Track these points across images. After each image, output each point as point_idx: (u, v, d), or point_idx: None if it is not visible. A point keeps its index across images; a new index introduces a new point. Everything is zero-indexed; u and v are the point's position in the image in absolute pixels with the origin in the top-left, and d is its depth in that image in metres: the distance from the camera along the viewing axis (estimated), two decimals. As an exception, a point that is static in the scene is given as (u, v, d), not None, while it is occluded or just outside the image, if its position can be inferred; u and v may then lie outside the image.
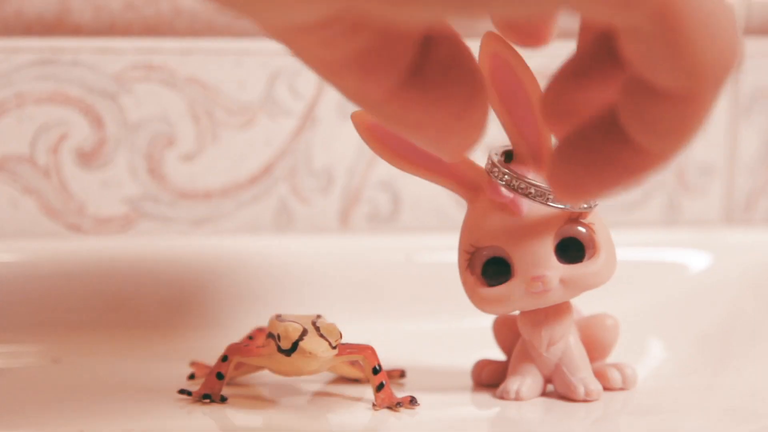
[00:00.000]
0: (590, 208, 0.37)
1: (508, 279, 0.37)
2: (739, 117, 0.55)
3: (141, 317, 0.46)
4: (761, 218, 0.56)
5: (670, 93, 0.25)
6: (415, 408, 0.37)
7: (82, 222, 0.49)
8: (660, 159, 0.26)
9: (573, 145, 0.27)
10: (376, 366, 0.38)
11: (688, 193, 0.55)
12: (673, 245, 0.51)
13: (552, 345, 0.38)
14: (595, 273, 0.37)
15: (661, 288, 0.49)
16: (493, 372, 0.40)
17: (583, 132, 0.27)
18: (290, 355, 0.36)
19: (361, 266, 0.49)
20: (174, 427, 0.36)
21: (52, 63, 0.48)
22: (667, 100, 0.25)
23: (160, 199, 0.49)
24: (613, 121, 0.26)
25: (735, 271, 0.50)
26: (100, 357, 0.44)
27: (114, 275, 0.47)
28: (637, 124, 0.25)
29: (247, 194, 0.50)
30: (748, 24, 0.54)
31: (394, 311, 0.48)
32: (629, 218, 0.54)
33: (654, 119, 0.25)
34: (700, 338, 0.46)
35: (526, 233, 0.37)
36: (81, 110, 0.48)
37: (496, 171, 0.37)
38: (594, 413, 0.38)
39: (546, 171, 0.31)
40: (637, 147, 0.26)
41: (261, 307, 0.45)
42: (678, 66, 0.24)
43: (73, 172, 0.48)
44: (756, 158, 0.55)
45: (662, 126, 0.25)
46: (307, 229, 0.51)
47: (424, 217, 0.52)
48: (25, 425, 0.36)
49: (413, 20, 0.23)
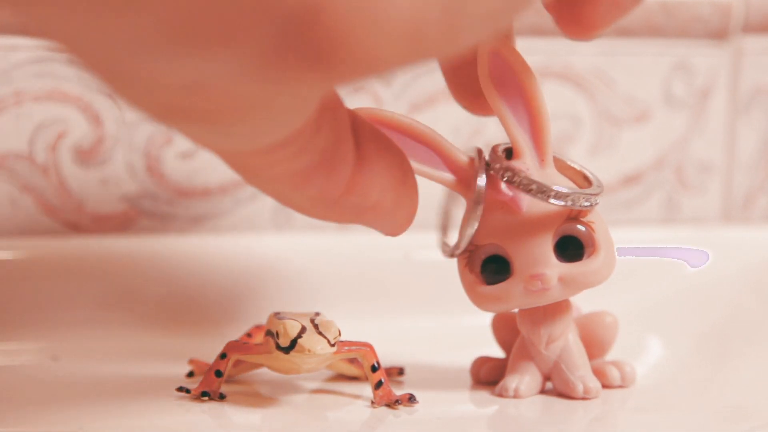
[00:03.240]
0: (591, 206, 0.37)
1: (507, 277, 0.37)
2: (738, 115, 0.55)
3: (139, 315, 0.46)
4: (760, 216, 0.56)
5: None
6: (414, 405, 0.37)
7: (81, 220, 0.49)
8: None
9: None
10: (375, 363, 0.38)
11: (686, 191, 0.55)
12: (671, 243, 0.51)
13: (551, 343, 0.38)
14: (595, 271, 0.37)
15: (659, 286, 0.50)
16: (492, 369, 0.40)
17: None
18: (289, 352, 0.36)
19: (360, 264, 0.49)
20: (172, 424, 0.36)
21: (50, 60, 0.48)
22: None
23: (159, 196, 0.49)
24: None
25: (734, 269, 0.50)
26: (98, 354, 0.44)
27: (112, 273, 0.47)
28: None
29: (245, 192, 0.50)
30: (746, 22, 0.54)
31: (392, 309, 0.48)
32: (628, 216, 0.54)
33: None
34: (699, 336, 0.46)
35: (526, 231, 0.37)
36: (79, 108, 0.48)
37: (498, 167, 0.36)
38: (593, 411, 0.38)
39: (553, 13, 0.32)
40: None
41: (259, 305, 0.45)
42: None
43: (71, 170, 0.48)
44: (754, 156, 0.55)
45: None
46: (305, 226, 0.51)
47: (422, 215, 0.52)
48: (24, 423, 0.36)
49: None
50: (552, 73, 0.53)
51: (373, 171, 0.27)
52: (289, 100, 0.22)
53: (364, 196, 0.27)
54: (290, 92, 0.22)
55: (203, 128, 0.23)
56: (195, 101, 0.22)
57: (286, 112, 0.23)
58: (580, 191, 0.37)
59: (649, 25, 0.53)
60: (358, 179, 0.27)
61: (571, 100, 0.53)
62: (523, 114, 0.37)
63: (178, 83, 0.21)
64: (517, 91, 0.36)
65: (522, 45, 0.37)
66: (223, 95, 0.22)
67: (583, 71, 0.53)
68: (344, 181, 0.26)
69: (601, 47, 0.53)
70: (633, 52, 0.53)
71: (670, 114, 0.54)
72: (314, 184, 0.26)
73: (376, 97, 0.51)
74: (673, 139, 0.54)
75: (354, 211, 0.28)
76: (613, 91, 0.53)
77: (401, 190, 0.28)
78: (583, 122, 0.53)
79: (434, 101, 0.51)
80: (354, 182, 0.27)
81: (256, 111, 0.22)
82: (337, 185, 0.26)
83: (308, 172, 0.26)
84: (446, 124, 0.51)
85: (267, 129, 0.23)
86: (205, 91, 0.21)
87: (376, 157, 0.27)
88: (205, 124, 0.23)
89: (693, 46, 0.54)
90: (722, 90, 0.55)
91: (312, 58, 0.21)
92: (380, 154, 0.28)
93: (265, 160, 0.25)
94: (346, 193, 0.27)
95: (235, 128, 0.23)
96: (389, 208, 0.28)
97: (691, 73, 0.54)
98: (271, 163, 0.25)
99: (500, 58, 0.36)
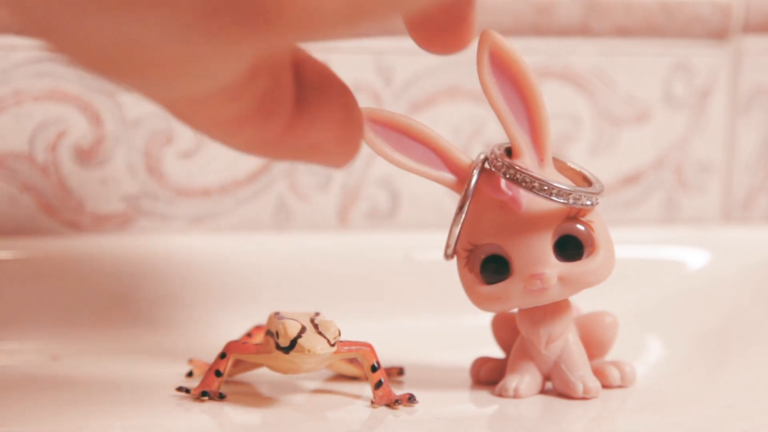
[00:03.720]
0: (592, 205, 0.37)
1: (506, 277, 0.37)
2: (738, 115, 0.55)
3: (139, 314, 0.46)
4: (760, 216, 0.56)
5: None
6: (414, 405, 0.37)
7: (81, 219, 0.49)
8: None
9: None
10: (375, 363, 0.38)
11: (686, 191, 0.55)
12: (671, 243, 0.51)
13: (551, 342, 0.38)
14: (594, 271, 0.37)
15: (659, 286, 0.50)
16: (492, 369, 0.40)
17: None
18: (288, 352, 0.36)
19: (360, 264, 0.49)
20: (172, 424, 0.36)
21: (50, 60, 0.48)
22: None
23: (159, 196, 0.49)
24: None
25: (733, 269, 0.50)
26: (98, 354, 0.44)
27: (112, 273, 0.47)
28: None
29: (245, 192, 0.50)
30: (746, 22, 0.54)
31: (392, 309, 0.48)
32: (628, 216, 0.54)
33: None
34: (699, 336, 0.46)
35: (525, 231, 0.37)
36: (79, 108, 0.48)
37: (500, 165, 0.36)
38: (592, 411, 0.38)
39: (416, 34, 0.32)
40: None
41: (259, 305, 0.45)
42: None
43: (71, 170, 0.48)
44: (754, 156, 0.55)
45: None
46: (305, 226, 0.51)
47: (422, 215, 0.52)
48: (24, 422, 0.36)
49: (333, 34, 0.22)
50: (552, 73, 0.53)
51: (312, 113, 0.27)
52: (224, 58, 0.22)
53: (302, 137, 0.27)
54: (224, 52, 0.22)
55: (138, 81, 0.23)
56: (128, 57, 0.22)
57: (221, 68, 0.23)
58: (581, 189, 0.37)
59: (649, 25, 0.53)
60: (297, 122, 0.27)
61: (571, 100, 0.53)
62: (523, 114, 0.37)
63: (111, 41, 0.21)
64: (517, 90, 0.36)
65: (522, 45, 0.38)
66: (156, 53, 0.21)
67: (583, 71, 0.53)
68: (281, 125, 0.26)
69: (601, 47, 0.53)
70: (633, 52, 0.53)
71: (670, 114, 0.54)
72: (250, 128, 0.26)
73: (376, 96, 0.51)
74: (673, 139, 0.54)
75: (293, 150, 0.27)
76: (613, 91, 0.53)
77: (343, 130, 0.28)
78: (583, 122, 0.53)
79: (434, 101, 0.51)
80: (292, 125, 0.27)
81: (191, 67, 0.22)
82: (274, 129, 0.26)
83: (244, 118, 0.25)
84: (446, 124, 0.51)
85: (202, 82, 0.23)
86: (139, 49, 0.21)
87: (317, 98, 0.27)
88: (139, 78, 0.23)
89: (693, 46, 0.54)
90: (722, 90, 0.55)
91: (246, 19, 0.20)
92: (322, 95, 0.27)
93: (200, 107, 0.25)
94: (284, 135, 0.27)
95: (169, 81, 0.23)
96: (330, 147, 0.28)
97: (691, 73, 0.54)
98: (206, 109, 0.25)
99: (499, 57, 0.36)
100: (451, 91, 0.51)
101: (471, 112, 0.52)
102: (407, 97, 0.51)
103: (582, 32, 0.53)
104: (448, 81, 0.51)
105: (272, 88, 0.26)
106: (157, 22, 0.21)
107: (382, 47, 0.50)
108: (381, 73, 0.50)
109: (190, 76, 0.23)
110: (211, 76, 0.23)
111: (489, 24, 0.51)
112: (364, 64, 0.50)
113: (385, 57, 0.50)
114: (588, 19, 0.52)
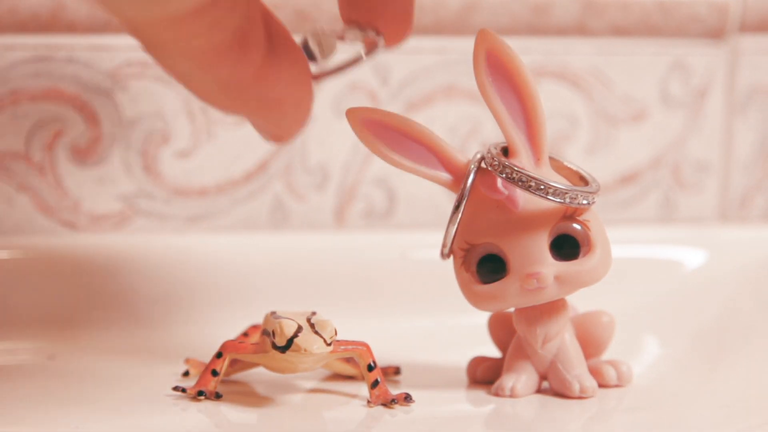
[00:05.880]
0: (588, 204, 0.37)
1: (503, 276, 0.37)
2: (735, 114, 0.55)
3: (136, 314, 0.46)
4: (756, 215, 0.56)
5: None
6: (410, 405, 0.37)
7: (77, 219, 0.49)
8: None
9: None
10: (371, 363, 0.38)
11: (683, 191, 0.55)
12: (668, 242, 0.51)
13: (547, 342, 0.38)
14: (591, 270, 0.37)
15: (656, 285, 0.50)
16: (489, 369, 0.40)
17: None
18: (285, 352, 0.36)
19: (356, 263, 0.49)
20: (168, 423, 0.36)
21: (47, 60, 0.48)
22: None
23: (155, 196, 0.49)
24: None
25: (730, 269, 0.50)
26: (95, 354, 0.44)
27: (109, 272, 0.46)
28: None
29: (242, 191, 0.50)
30: (743, 22, 0.54)
31: (389, 308, 0.48)
32: (625, 215, 0.54)
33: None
34: (696, 335, 0.46)
35: (521, 230, 0.37)
36: (76, 107, 0.48)
37: (496, 164, 0.36)
38: (589, 410, 0.38)
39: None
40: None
41: (256, 304, 0.45)
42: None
43: (68, 169, 0.48)
44: (751, 156, 0.55)
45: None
46: (302, 226, 0.51)
47: (419, 214, 0.52)
48: (21, 422, 0.36)
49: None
50: (549, 73, 0.53)
51: (281, 64, 0.27)
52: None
53: (271, 86, 0.27)
54: None
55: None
56: None
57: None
58: (578, 189, 0.37)
59: (646, 25, 0.53)
60: (268, 69, 0.27)
61: (568, 100, 0.53)
62: (519, 113, 0.37)
63: None
64: (513, 90, 0.36)
65: (518, 44, 0.37)
66: None
67: (580, 70, 0.53)
68: (254, 67, 0.27)
69: (598, 46, 0.53)
70: (630, 51, 0.53)
71: (667, 113, 0.54)
72: (225, 64, 0.26)
73: (373, 96, 0.51)
74: (670, 138, 0.54)
75: (258, 102, 0.28)
76: (610, 90, 0.53)
77: (303, 90, 0.29)
78: (580, 121, 0.53)
79: (431, 101, 0.51)
80: (263, 71, 0.27)
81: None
82: (248, 68, 0.26)
83: (220, 51, 0.25)
84: (443, 123, 0.51)
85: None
86: None
87: (284, 52, 0.28)
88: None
89: (690, 46, 0.54)
90: (719, 89, 0.55)
91: None
92: (288, 50, 0.28)
93: (176, 32, 0.24)
94: (254, 81, 0.27)
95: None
96: (290, 106, 0.29)
97: (688, 73, 0.54)
98: (182, 36, 0.25)
99: (496, 57, 0.36)
100: (447, 90, 0.51)
101: (467, 112, 0.52)
102: (404, 97, 0.51)
103: (579, 32, 0.53)
104: (444, 80, 0.51)
105: (247, 24, 0.26)
106: None
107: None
108: (377, 72, 0.50)
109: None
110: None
111: (486, 23, 0.51)
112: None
113: (382, 56, 0.50)
114: (585, 18, 0.52)
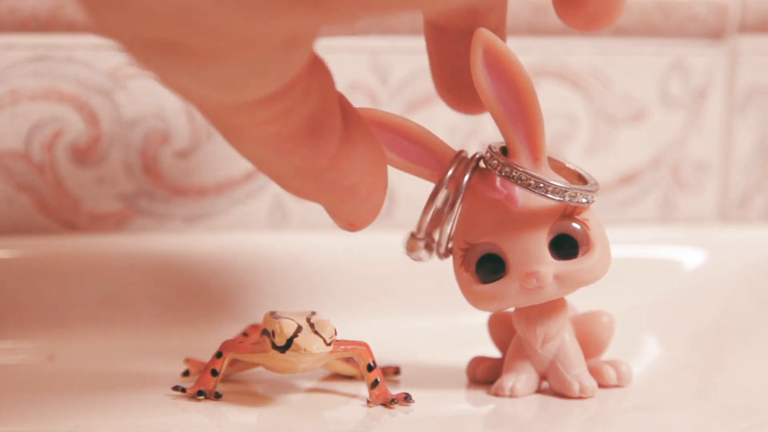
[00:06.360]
0: (587, 203, 0.37)
1: (502, 276, 0.37)
2: (734, 115, 0.55)
3: (135, 314, 0.46)
4: (756, 216, 0.56)
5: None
6: (410, 405, 0.37)
7: (77, 219, 0.49)
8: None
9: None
10: (371, 363, 0.38)
11: (683, 191, 0.55)
12: (667, 242, 0.51)
13: (547, 342, 0.38)
14: (590, 269, 0.37)
15: (656, 285, 0.50)
16: (488, 369, 0.40)
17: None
18: (285, 351, 0.36)
19: (356, 263, 0.49)
20: (168, 423, 0.36)
21: (47, 59, 0.48)
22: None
23: (155, 195, 0.49)
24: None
25: (730, 269, 0.50)
26: (94, 354, 0.44)
27: (109, 272, 0.46)
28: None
29: (241, 191, 0.50)
30: (743, 22, 0.54)
31: (388, 308, 0.48)
32: (624, 215, 0.54)
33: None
34: (695, 335, 0.46)
35: (520, 229, 0.37)
36: (76, 107, 0.48)
37: (495, 163, 0.36)
38: (589, 410, 0.38)
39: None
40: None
41: (255, 304, 0.45)
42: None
43: (67, 169, 0.48)
44: (751, 156, 0.55)
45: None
46: (301, 225, 0.51)
47: (418, 214, 0.52)
48: (20, 422, 0.36)
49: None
50: (548, 73, 0.53)
51: (356, 152, 0.27)
52: (275, 42, 0.22)
53: (346, 174, 0.27)
54: (276, 27, 0.22)
55: (185, 67, 0.23)
56: (180, 32, 0.22)
57: (270, 58, 0.23)
58: (577, 187, 0.37)
59: (645, 25, 0.53)
60: (343, 155, 0.27)
61: (568, 100, 0.53)
62: (517, 113, 0.37)
63: (168, 11, 0.21)
64: (511, 89, 0.36)
65: (518, 44, 0.38)
66: (208, 27, 0.21)
67: (579, 70, 0.53)
68: (330, 154, 0.26)
69: (597, 46, 0.53)
70: (630, 51, 0.53)
71: (667, 113, 0.54)
72: (300, 151, 0.26)
73: (372, 96, 0.51)
74: (669, 138, 0.54)
75: (332, 188, 0.28)
76: (609, 90, 0.53)
77: (378, 178, 0.28)
78: (579, 121, 0.53)
79: (430, 101, 0.51)
80: (339, 157, 0.27)
81: (240, 50, 0.22)
82: (323, 156, 0.26)
83: (295, 138, 0.25)
84: (442, 123, 0.51)
85: (250, 75, 0.23)
86: (192, 20, 0.21)
87: (360, 139, 0.27)
88: (187, 61, 0.22)
89: (689, 46, 0.54)
90: (719, 89, 0.55)
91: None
92: (364, 138, 0.28)
93: (250, 118, 0.25)
94: (329, 168, 0.27)
95: (217, 69, 0.23)
96: (365, 194, 0.28)
97: (687, 73, 0.54)
98: (257, 122, 0.25)
99: (493, 57, 0.36)
100: (447, 90, 0.51)
101: (467, 112, 0.52)
102: (403, 97, 0.51)
103: (578, 32, 0.53)
104: (444, 80, 0.51)
105: (322, 110, 0.26)
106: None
107: (378, 46, 0.50)
108: (377, 72, 0.50)
109: (241, 64, 0.22)
110: (262, 67, 0.23)
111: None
112: (360, 64, 0.50)
113: (381, 56, 0.50)
114: (584, 18, 0.52)
